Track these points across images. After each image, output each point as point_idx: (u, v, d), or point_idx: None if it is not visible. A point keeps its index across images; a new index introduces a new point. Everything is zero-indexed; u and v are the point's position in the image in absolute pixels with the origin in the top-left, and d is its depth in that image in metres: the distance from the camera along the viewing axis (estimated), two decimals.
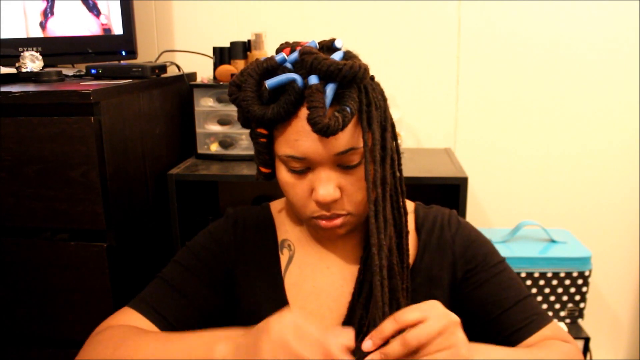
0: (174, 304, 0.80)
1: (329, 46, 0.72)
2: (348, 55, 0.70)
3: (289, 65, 0.69)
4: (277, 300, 0.79)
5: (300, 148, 0.68)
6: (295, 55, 0.69)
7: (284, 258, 0.83)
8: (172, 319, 0.78)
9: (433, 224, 0.83)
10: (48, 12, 1.44)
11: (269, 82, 0.66)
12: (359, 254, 0.81)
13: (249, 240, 0.84)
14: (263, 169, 0.77)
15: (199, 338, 0.66)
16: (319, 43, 0.72)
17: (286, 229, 0.85)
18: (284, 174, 0.73)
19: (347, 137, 0.68)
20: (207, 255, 0.83)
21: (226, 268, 0.83)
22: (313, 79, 0.65)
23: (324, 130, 0.63)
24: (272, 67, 0.68)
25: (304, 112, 0.65)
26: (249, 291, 0.82)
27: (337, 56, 0.68)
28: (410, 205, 0.85)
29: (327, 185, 0.69)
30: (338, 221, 0.72)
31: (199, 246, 0.84)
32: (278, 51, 0.72)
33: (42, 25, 1.45)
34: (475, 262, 0.80)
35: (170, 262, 0.85)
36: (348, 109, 0.65)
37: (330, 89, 0.65)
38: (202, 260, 0.82)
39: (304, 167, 0.70)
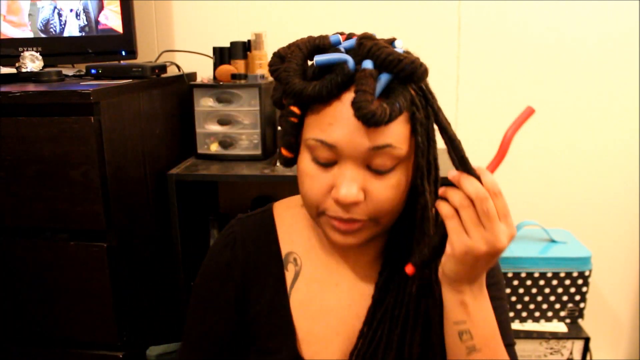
0: (215, 353, 0.79)
1: (388, 44, 0.65)
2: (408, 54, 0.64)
3: (342, 49, 0.64)
4: (283, 320, 0.74)
5: (333, 134, 0.61)
6: (351, 41, 0.64)
7: (289, 275, 0.76)
8: None
9: None
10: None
11: (319, 58, 0.61)
12: (372, 272, 0.75)
13: (250, 261, 0.77)
14: (285, 152, 0.69)
15: None
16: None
17: (292, 239, 0.78)
18: (306, 163, 0.65)
19: (387, 133, 0.61)
20: (216, 288, 0.78)
21: (236, 287, 0.77)
22: (367, 64, 0.60)
23: (367, 117, 0.57)
24: (324, 46, 0.63)
25: (347, 97, 0.60)
26: (257, 309, 0.77)
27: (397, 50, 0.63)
28: None
29: (351, 184, 0.62)
30: (355, 226, 0.65)
31: (206, 284, 0.80)
32: None
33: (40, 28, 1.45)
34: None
35: (187, 316, 0.82)
36: (397, 105, 0.59)
37: (383, 80, 0.60)
38: (214, 299, 0.78)
39: (331, 159, 0.63)
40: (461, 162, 0.63)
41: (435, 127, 0.66)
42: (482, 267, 0.61)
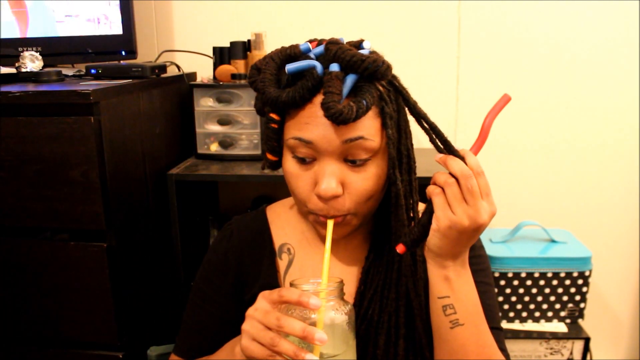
0: (209, 342, 0.84)
1: (356, 46, 0.71)
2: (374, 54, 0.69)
3: (312, 55, 0.69)
4: None
5: (308, 132, 0.67)
6: (320, 48, 0.69)
7: (283, 263, 0.83)
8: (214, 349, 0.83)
9: None
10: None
11: (289, 67, 0.66)
12: (361, 255, 0.81)
13: (245, 249, 0.84)
14: (270, 156, 0.75)
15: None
16: (346, 43, 0.72)
17: (286, 232, 0.84)
18: (289, 164, 0.71)
19: (359, 127, 0.66)
20: (216, 276, 0.85)
21: (234, 274, 0.84)
22: (334, 67, 0.65)
23: (335, 116, 0.62)
24: (295, 55, 0.69)
25: (318, 99, 0.65)
26: (252, 292, 0.82)
27: (362, 52, 0.68)
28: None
29: (330, 179, 0.67)
30: (337, 221, 0.71)
31: (206, 273, 0.86)
32: None
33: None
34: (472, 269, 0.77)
35: (187, 304, 0.88)
36: (364, 102, 0.64)
37: (350, 80, 0.65)
38: (214, 287, 0.85)
39: (310, 155, 0.69)
40: (445, 145, 0.68)
41: (412, 119, 0.72)
42: (465, 243, 0.65)
